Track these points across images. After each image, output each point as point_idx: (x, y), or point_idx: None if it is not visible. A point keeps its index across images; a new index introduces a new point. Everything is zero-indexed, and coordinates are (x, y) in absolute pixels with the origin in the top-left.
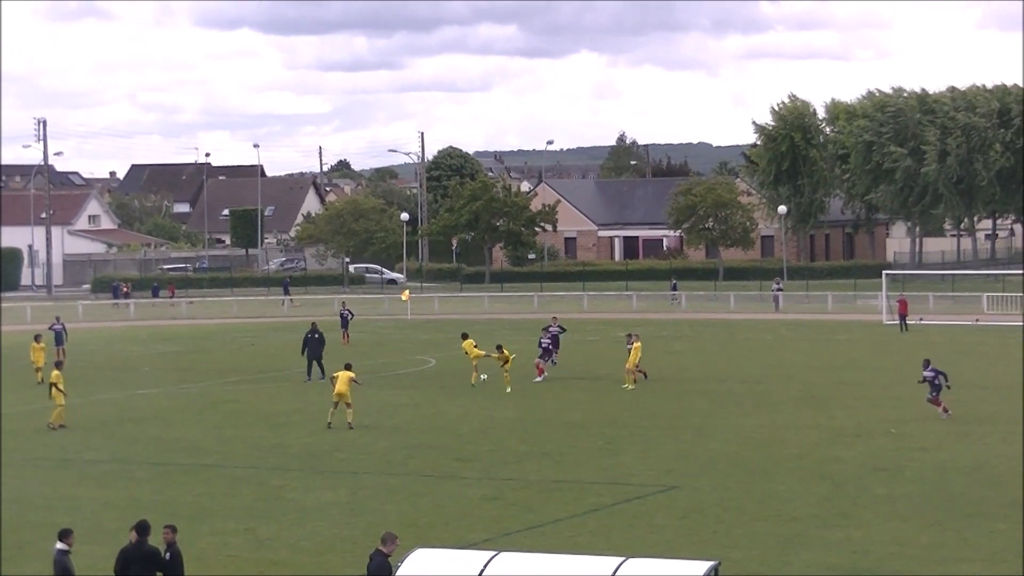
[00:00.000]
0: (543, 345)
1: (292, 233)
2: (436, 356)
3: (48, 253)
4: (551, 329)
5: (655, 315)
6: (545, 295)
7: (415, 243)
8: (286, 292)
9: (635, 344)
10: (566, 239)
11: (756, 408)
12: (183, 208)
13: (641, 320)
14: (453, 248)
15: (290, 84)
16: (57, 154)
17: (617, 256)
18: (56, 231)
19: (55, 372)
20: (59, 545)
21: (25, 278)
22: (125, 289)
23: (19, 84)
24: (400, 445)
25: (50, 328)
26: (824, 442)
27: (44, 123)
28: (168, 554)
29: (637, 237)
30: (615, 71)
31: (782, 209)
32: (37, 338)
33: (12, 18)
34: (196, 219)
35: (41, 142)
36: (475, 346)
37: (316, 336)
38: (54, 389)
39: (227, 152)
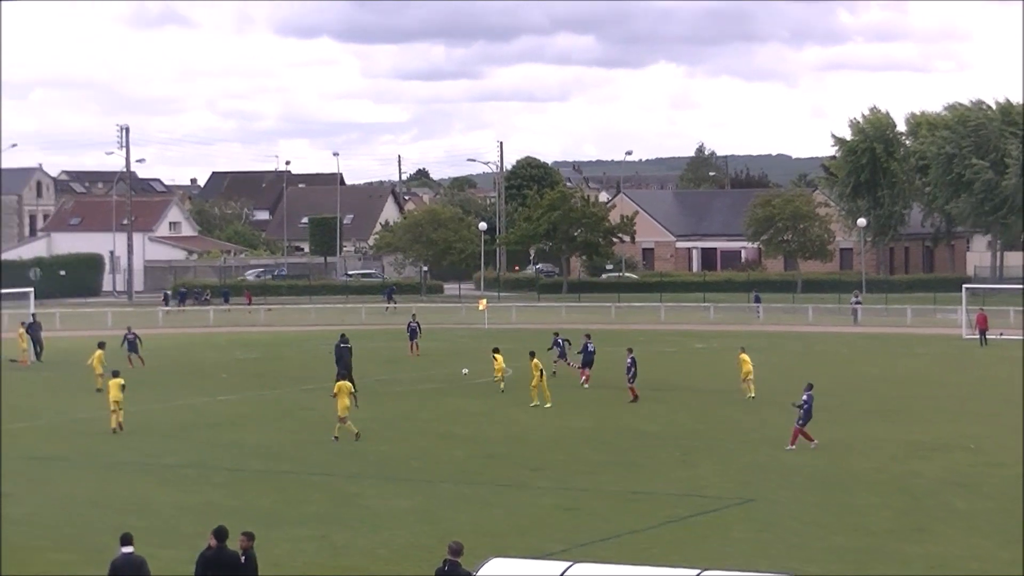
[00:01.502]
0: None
1: (370, 242)
2: (512, 365)
3: (129, 259)
4: (588, 346)
5: (732, 327)
6: (622, 306)
7: (493, 252)
8: (390, 299)
9: (741, 355)
10: (644, 250)
11: (833, 421)
12: (263, 215)
13: (718, 332)
14: (530, 257)
15: (368, 92)
16: (139, 161)
17: (695, 267)
18: (137, 237)
19: (113, 380)
20: (124, 549)
21: (106, 284)
22: (206, 296)
23: (102, 91)
24: (474, 454)
25: (124, 338)
26: (902, 456)
27: (127, 130)
28: (244, 559)
29: (715, 248)
30: (693, 82)
31: (861, 221)
32: (101, 345)
33: (95, 25)
34: (275, 226)
35: (123, 149)
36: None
37: (346, 346)
38: (112, 392)
39: (306, 160)
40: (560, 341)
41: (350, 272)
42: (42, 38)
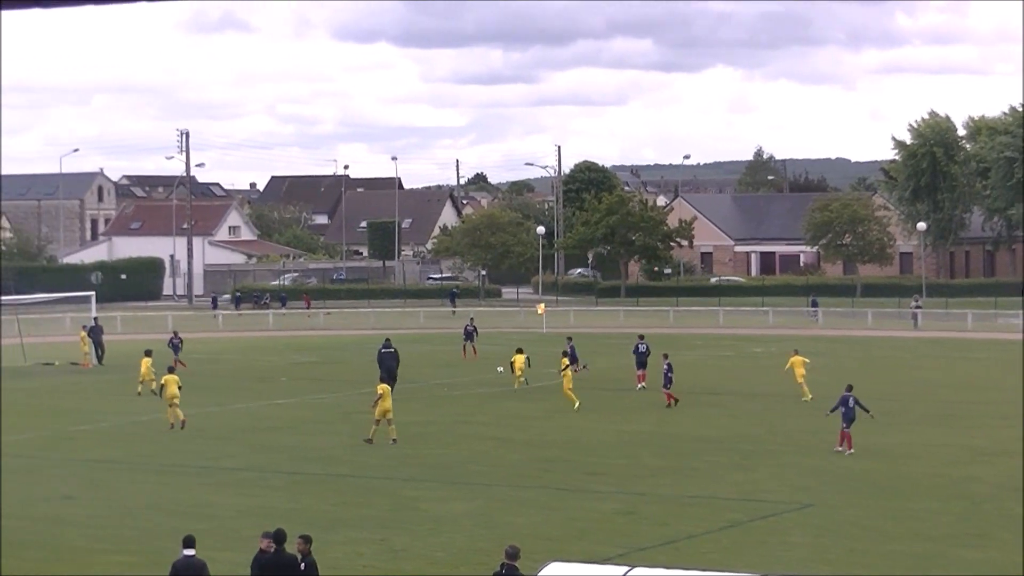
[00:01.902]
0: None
1: (429, 246)
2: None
3: (189, 263)
4: (640, 347)
5: (791, 331)
6: (681, 310)
7: (551, 256)
8: (452, 303)
9: (793, 358)
10: (702, 254)
11: (891, 426)
12: (322, 220)
13: (776, 336)
14: (588, 262)
15: (427, 97)
16: (199, 165)
17: (753, 271)
18: (197, 242)
19: (169, 376)
20: (186, 552)
21: (167, 288)
22: (265, 300)
23: (162, 96)
24: (532, 458)
25: (169, 343)
26: (960, 461)
27: (186, 135)
28: (303, 564)
29: (774, 252)
30: (750, 85)
31: (921, 225)
32: (148, 353)
33: (155, 30)
34: (334, 231)
35: (183, 153)
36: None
37: (390, 351)
38: (168, 389)
39: (365, 164)
40: (571, 347)
41: (432, 276)
42: (103, 44)
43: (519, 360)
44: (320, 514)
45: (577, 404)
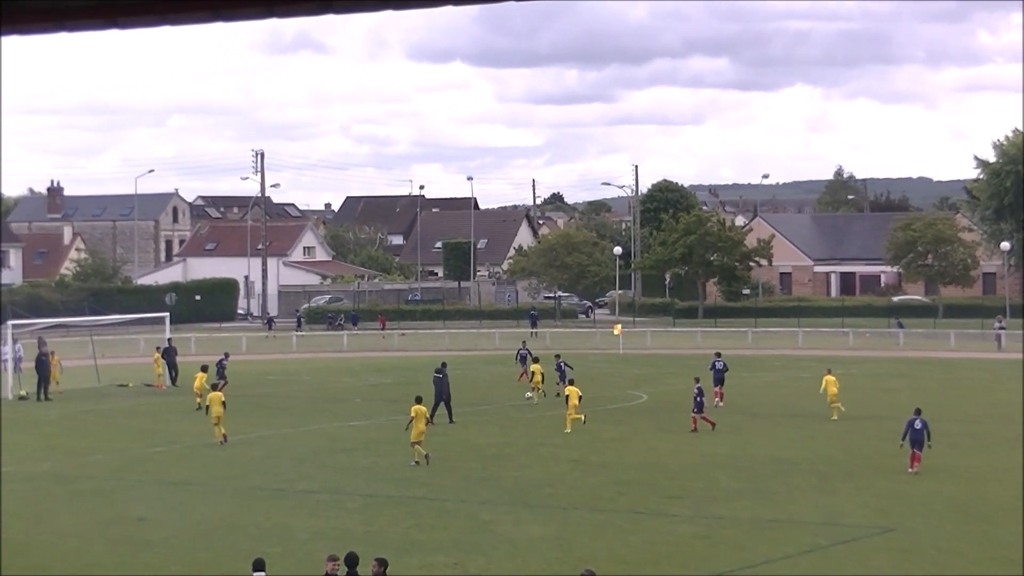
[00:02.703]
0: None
1: (504, 266)
2: (648, 391)
3: (264, 284)
4: (717, 363)
5: (872, 352)
6: (759, 331)
7: (627, 277)
8: (533, 325)
9: (827, 377)
10: (781, 274)
11: (973, 448)
12: (397, 240)
13: (857, 358)
14: (666, 282)
15: (502, 117)
16: (274, 186)
17: (833, 292)
18: (272, 262)
19: (213, 394)
20: (256, 575)
21: (241, 308)
22: (339, 321)
23: (238, 117)
24: (609, 481)
25: (219, 363)
26: None
27: (262, 155)
28: None
29: (854, 273)
30: (829, 104)
31: (1005, 245)
32: (204, 368)
33: (230, 51)
34: (409, 251)
35: (259, 174)
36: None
37: (440, 376)
38: (214, 407)
39: (440, 184)
40: (561, 364)
41: (540, 296)
42: (180, 64)
43: (537, 371)
44: (395, 537)
45: (569, 429)
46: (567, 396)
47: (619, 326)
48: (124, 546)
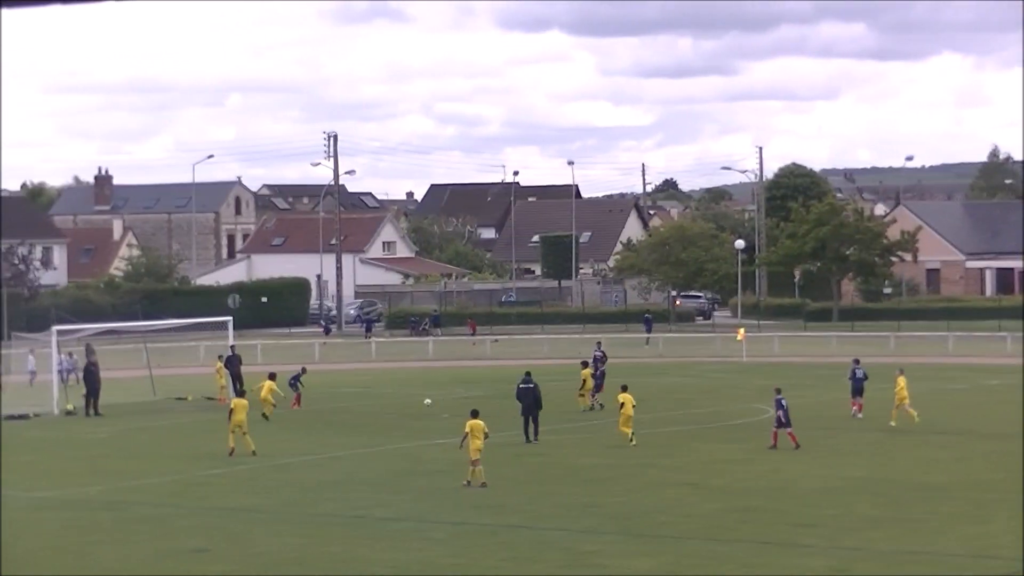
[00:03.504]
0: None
1: (610, 263)
2: (765, 403)
3: (338, 284)
4: (856, 372)
5: None
6: (903, 335)
7: (751, 274)
8: (648, 328)
9: (900, 378)
10: (928, 270)
11: None
12: (488, 234)
13: (1015, 366)
14: (795, 280)
15: (606, 92)
16: (348, 173)
17: (988, 290)
18: (347, 259)
19: (237, 400)
20: None
21: (315, 309)
22: (424, 326)
23: (304, 95)
24: (730, 507)
25: (293, 378)
26: None
27: (334, 138)
28: None
29: (1012, 269)
30: (982, 75)
31: None
32: (272, 376)
33: (296, 22)
34: (502, 246)
35: (331, 159)
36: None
37: (529, 386)
38: (237, 414)
39: (537, 170)
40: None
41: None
42: (238, 37)
43: (585, 376)
44: (487, 570)
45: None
46: (621, 404)
47: (742, 330)
48: None
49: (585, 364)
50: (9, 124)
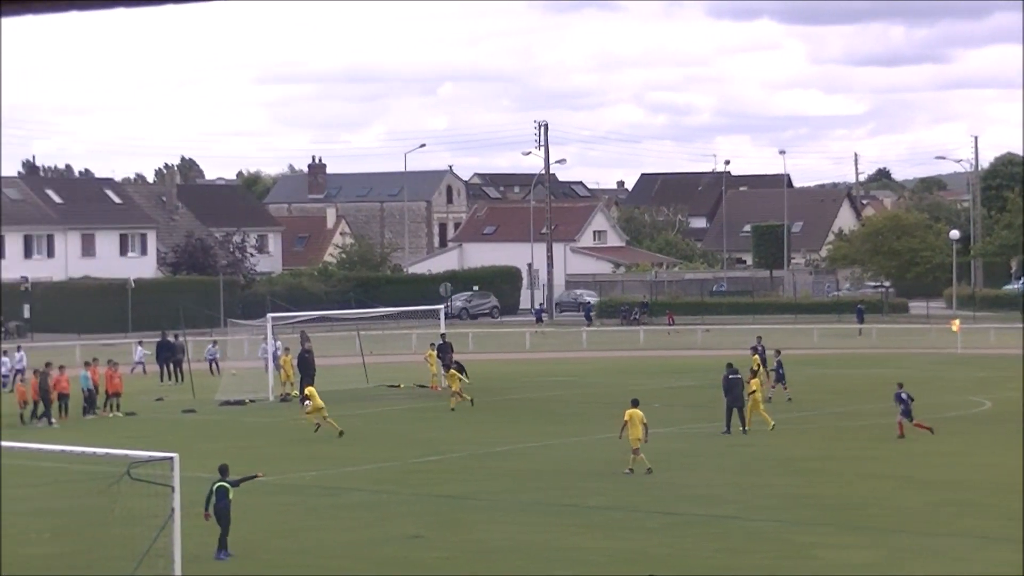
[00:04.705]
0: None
1: (822, 253)
2: (991, 397)
3: (549, 273)
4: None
5: None
6: None
7: (966, 265)
8: (860, 319)
9: None
10: None
11: None
12: (699, 223)
13: None
14: (1011, 272)
15: (817, 81)
16: (559, 162)
17: None
18: (558, 248)
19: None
20: None
21: (523, 301)
22: (635, 315)
23: (516, 84)
24: (946, 501)
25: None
26: None
27: (545, 127)
28: None
29: None
30: None
31: None
32: (459, 367)
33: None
34: (713, 236)
35: (542, 148)
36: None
37: (735, 377)
38: (315, 399)
39: (748, 159)
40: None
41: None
42: (450, 27)
43: (755, 364)
44: (699, 561)
45: (772, 424)
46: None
47: (957, 322)
48: (395, 567)
49: (755, 351)
50: (223, 114)
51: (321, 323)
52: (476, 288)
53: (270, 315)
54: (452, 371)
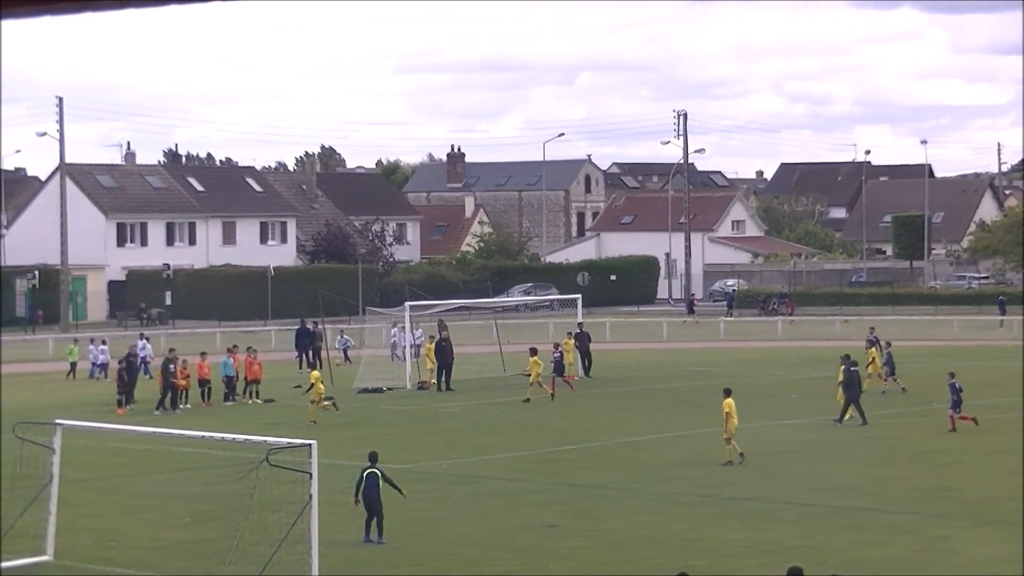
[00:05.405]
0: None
1: (964, 244)
2: None
3: (687, 263)
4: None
5: None
6: None
7: None
8: (1002, 311)
9: None
10: None
11: None
12: (838, 213)
13: None
14: None
15: (959, 70)
16: (698, 151)
17: None
18: (696, 238)
19: (314, 372)
20: None
21: (661, 291)
22: (773, 305)
23: (654, 73)
24: None
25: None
26: None
27: (684, 117)
28: None
29: None
30: None
31: None
32: (533, 351)
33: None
34: (853, 226)
35: (681, 138)
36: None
37: (854, 370)
38: (317, 387)
39: (888, 149)
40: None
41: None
42: (588, 16)
43: (872, 356)
44: (834, 552)
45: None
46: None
47: None
48: (531, 555)
49: (870, 343)
50: (363, 103)
51: (459, 312)
52: (613, 277)
53: (408, 304)
54: (534, 359)
